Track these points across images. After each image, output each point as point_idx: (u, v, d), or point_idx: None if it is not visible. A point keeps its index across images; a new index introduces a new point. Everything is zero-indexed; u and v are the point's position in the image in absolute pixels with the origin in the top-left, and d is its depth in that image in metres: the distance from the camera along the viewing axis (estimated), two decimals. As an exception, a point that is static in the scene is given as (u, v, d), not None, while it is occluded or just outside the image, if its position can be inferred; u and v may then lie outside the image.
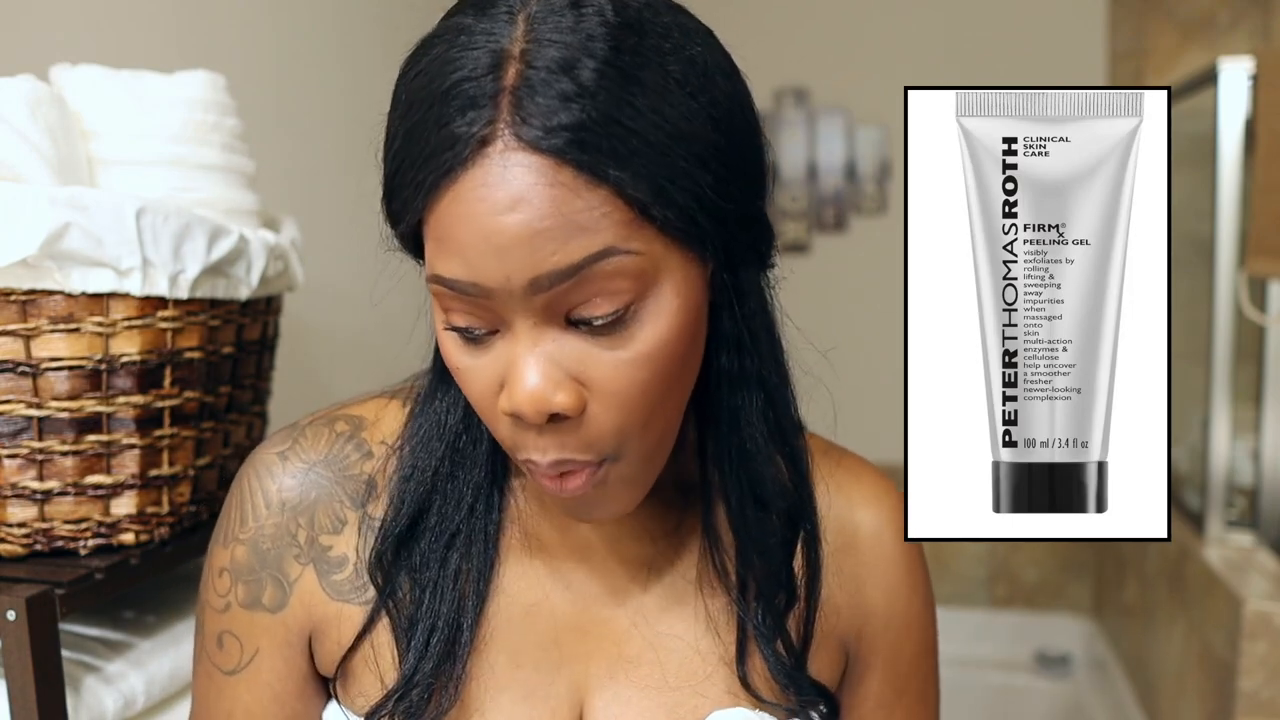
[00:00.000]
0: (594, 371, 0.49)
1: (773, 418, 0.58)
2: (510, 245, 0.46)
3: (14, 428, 0.78)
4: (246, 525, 0.62)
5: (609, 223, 0.46)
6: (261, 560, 0.61)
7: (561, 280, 0.46)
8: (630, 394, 0.49)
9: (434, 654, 0.57)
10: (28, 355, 0.77)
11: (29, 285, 0.76)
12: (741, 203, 0.51)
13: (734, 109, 0.51)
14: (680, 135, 0.47)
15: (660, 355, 0.49)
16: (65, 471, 0.80)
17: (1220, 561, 1.58)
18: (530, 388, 0.48)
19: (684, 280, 0.50)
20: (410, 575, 0.59)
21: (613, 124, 0.45)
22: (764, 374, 0.57)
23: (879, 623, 0.66)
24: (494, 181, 0.45)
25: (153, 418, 0.83)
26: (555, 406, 0.48)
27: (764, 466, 0.58)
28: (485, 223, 0.46)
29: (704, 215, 0.49)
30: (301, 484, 0.61)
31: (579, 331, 0.48)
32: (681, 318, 0.50)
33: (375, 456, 0.62)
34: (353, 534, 0.61)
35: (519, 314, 0.48)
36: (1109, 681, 2.26)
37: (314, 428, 0.63)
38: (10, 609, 0.72)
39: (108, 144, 0.88)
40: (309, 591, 0.61)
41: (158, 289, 0.80)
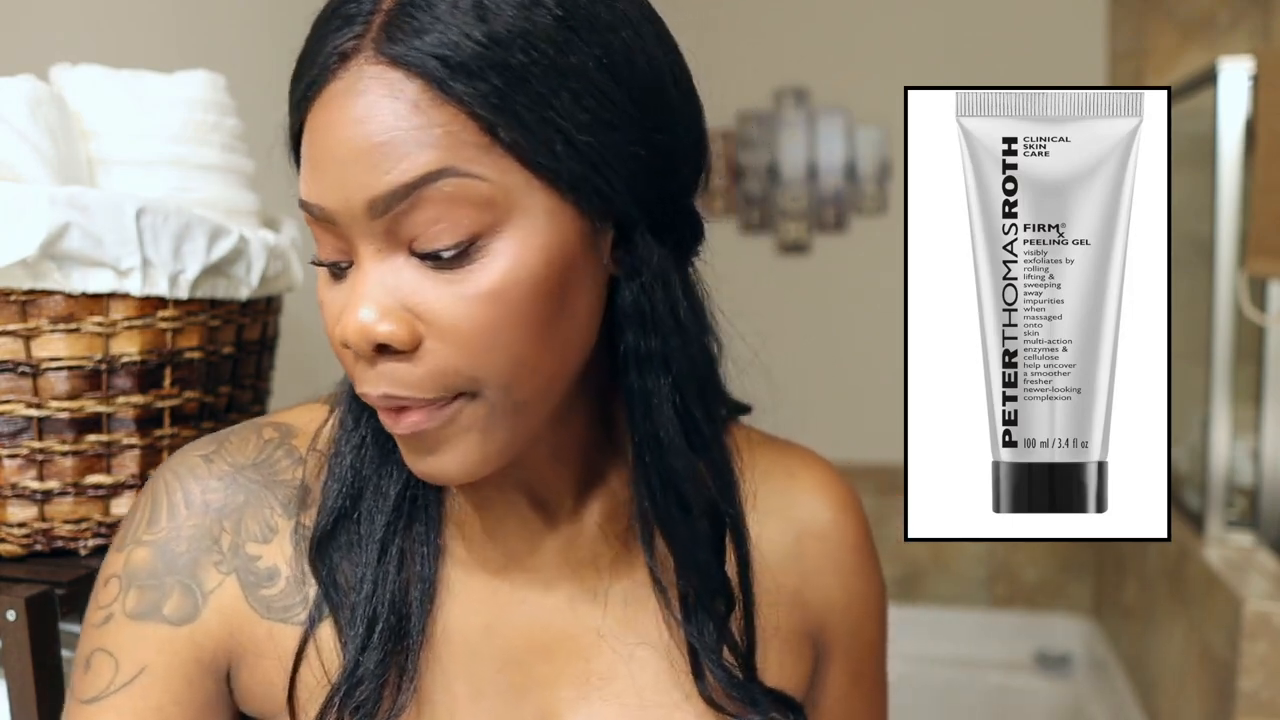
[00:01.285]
0: (432, 305, 0.46)
1: (681, 405, 0.54)
2: (349, 161, 0.45)
3: (14, 428, 0.78)
4: (157, 526, 0.55)
5: (453, 142, 0.44)
6: (169, 564, 0.54)
7: (397, 201, 0.45)
8: (470, 333, 0.46)
9: (378, 644, 0.52)
10: (28, 355, 0.77)
11: (29, 285, 0.76)
12: (647, 169, 0.49)
13: (644, 66, 0.49)
14: (554, 68, 0.45)
15: (509, 297, 0.46)
16: (65, 471, 0.80)
17: (1220, 561, 1.58)
18: (357, 314, 0.46)
19: (549, 224, 0.47)
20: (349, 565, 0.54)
21: (474, 44, 0.44)
22: (669, 356, 0.52)
23: (839, 612, 0.64)
24: (346, 94, 0.45)
25: (153, 418, 0.83)
26: (380, 336, 0.46)
27: (677, 459, 0.54)
28: (330, 137, 0.45)
29: (576, 157, 0.46)
30: (227, 487, 0.56)
31: (424, 264, 0.46)
32: (539, 261, 0.46)
33: (307, 464, 0.57)
34: (285, 543, 0.56)
35: (362, 240, 0.46)
36: (1109, 681, 2.26)
37: (240, 433, 0.58)
38: (10, 609, 0.72)
39: (108, 144, 0.88)
40: (231, 607, 0.54)
41: (158, 289, 0.80)
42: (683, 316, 0.53)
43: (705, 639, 0.56)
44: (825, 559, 0.63)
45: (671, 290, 0.53)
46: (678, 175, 0.53)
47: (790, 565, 0.62)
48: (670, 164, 0.51)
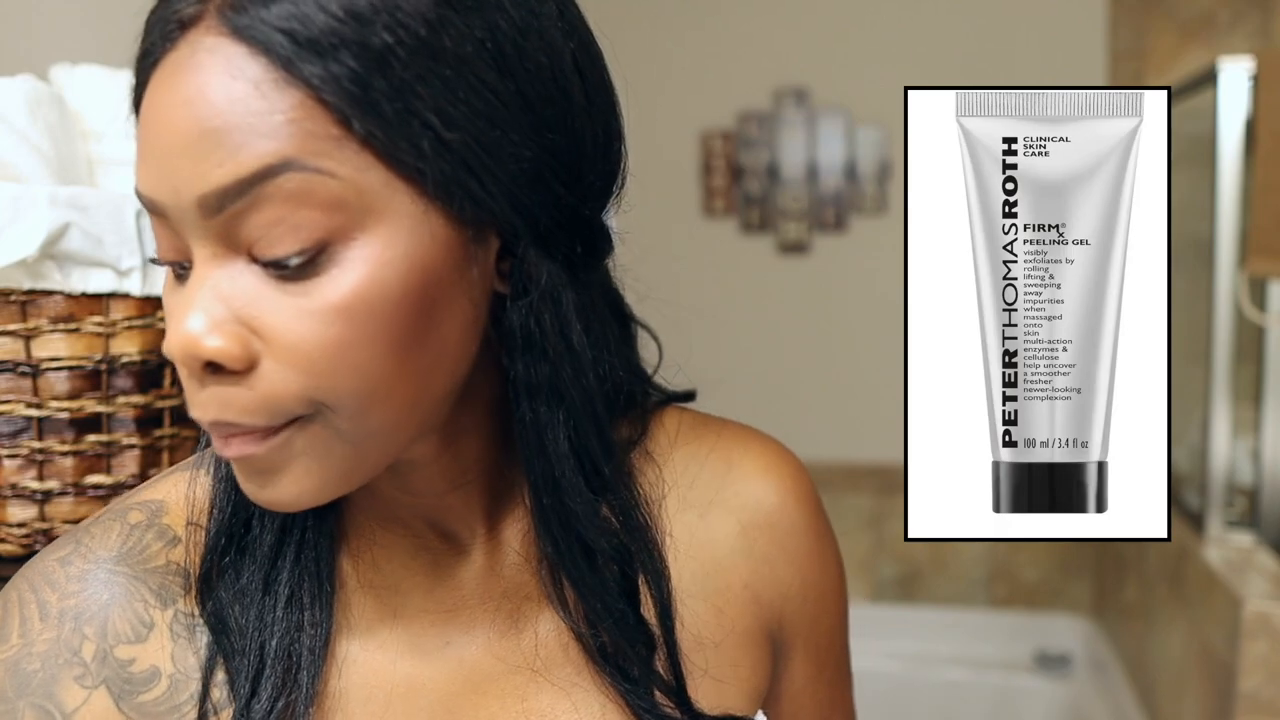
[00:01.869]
0: (271, 319, 0.40)
1: (577, 440, 0.48)
2: (178, 148, 0.39)
3: (14, 428, 0.78)
4: (7, 644, 0.47)
5: (297, 132, 0.38)
6: (20, 686, 0.47)
7: (232, 199, 0.38)
8: (313, 354, 0.40)
9: (264, 697, 0.46)
10: (28, 355, 0.77)
11: (29, 285, 0.76)
12: (533, 172, 0.43)
13: (537, 54, 0.43)
14: (425, 50, 0.39)
15: (361, 313, 0.40)
16: (65, 471, 0.80)
17: (1220, 561, 1.58)
18: (182, 326, 0.40)
19: (412, 232, 0.41)
20: (239, 607, 0.49)
21: (330, 18, 0.38)
22: (561, 387, 0.46)
23: (796, 602, 0.59)
24: (179, 69, 0.39)
25: (153, 418, 0.83)
26: (208, 353, 0.39)
27: (576, 501, 0.48)
28: (160, 119, 0.39)
29: (446, 155, 0.40)
30: (89, 588, 0.48)
31: (266, 272, 0.40)
32: (398, 273, 0.40)
33: (183, 540, 0.50)
34: (163, 639, 0.48)
35: (196, 241, 0.40)
36: (1109, 681, 2.26)
37: (100, 524, 0.51)
38: (10, 609, 0.72)
39: (108, 144, 0.88)
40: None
41: (158, 289, 0.80)
42: (575, 342, 0.47)
43: (632, 686, 0.52)
44: (775, 548, 0.57)
45: (563, 311, 0.46)
46: (578, 182, 0.46)
47: (739, 560, 0.57)
48: (567, 169, 0.45)
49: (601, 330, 0.50)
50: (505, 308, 0.46)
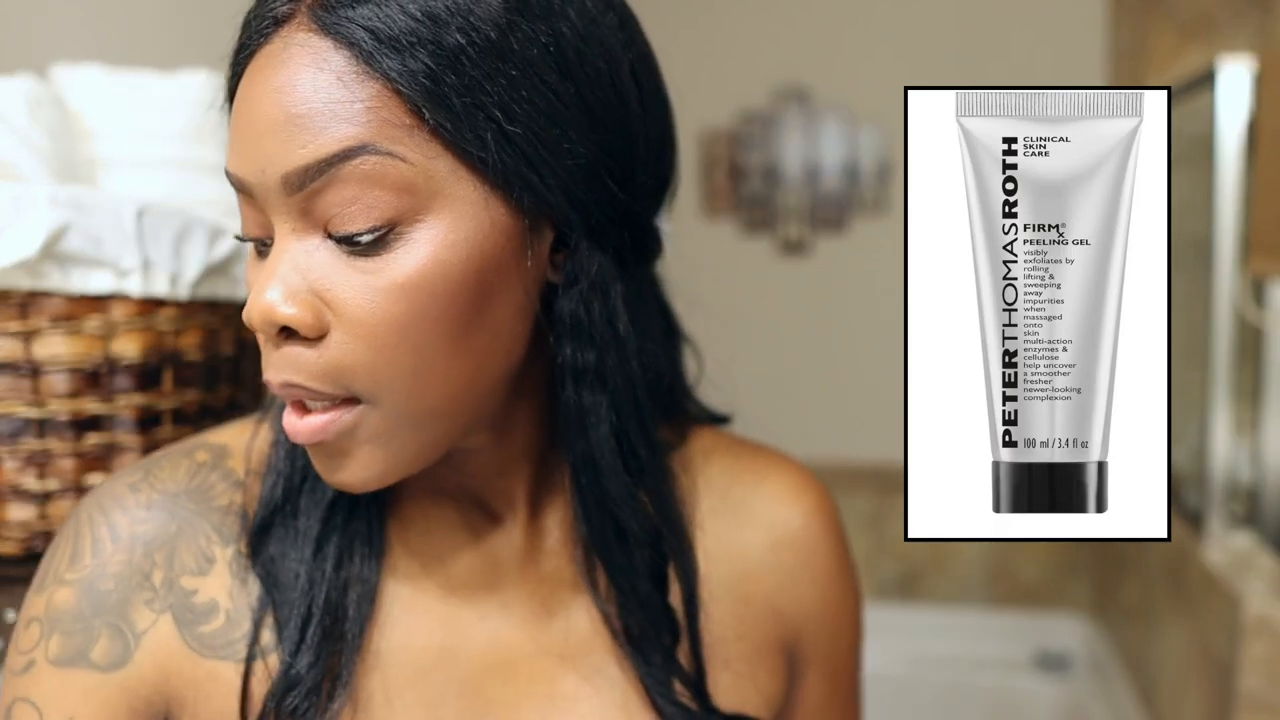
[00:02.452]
0: (342, 293, 0.43)
1: (618, 424, 0.50)
2: (267, 131, 0.43)
3: (14, 428, 0.78)
4: (80, 564, 0.51)
5: (374, 120, 0.42)
6: (96, 605, 0.50)
7: (312, 177, 0.42)
8: (378, 327, 0.43)
9: (311, 645, 0.49)
10: (28, 355, 0.77)
11: (29, 285, 0.76)
12: (589, 169, 0.46)
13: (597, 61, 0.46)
14: (493, 51, 0.43)
15: (422, 292, 0.43)
16: (65, 471, 0.80)
17: (1220, 561, 1.58)
18: (262, 295, 0.43)
19: (475, 218, 0.44)
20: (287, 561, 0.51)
21: (409, 18, 0.42)
22: (606, 372, 0.49)
23: (816, 622, 0.61)
24: (272, 62, 0.43)
25: (153, 418, 0.83)
26: (283, 319, 0.43)
27: (613, 483, 0.51)
28: (252, 105, 0.43)
29: (508, 148, 0.43)
30: (158, 517, 0.51)
31: (340, 249, 0.44)
32: (460, 255, 0.43)
33: (245, 487, 0.54)
34: (223, 576, 0.51)
35: (279, 217, 0.44)
36: (1109, 681, 2.26)
37: (169, 458, 0.54)
38: (10, 609, 0.72)
39: (108, 144, 0.88)
40: (165, 647, 0.50)
41: (158, 289, 0.80)
42: (622, 331, 0.50)
43: (653, 672, 0.53)
44: (800, 566, 0.60)
45: (611, 302, 0.49)
46: (631, 182, 0.49)
47: (765, 573, 0.59)
48: (621, 169, 0.48)
49: (647, 324, 0.53)
50: (556, 297, 0.48)
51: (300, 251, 0.44)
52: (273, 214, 0.44)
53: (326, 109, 0.42)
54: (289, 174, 0.43)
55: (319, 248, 0.44)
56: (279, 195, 0.43)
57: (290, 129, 0.42)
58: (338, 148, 0.42)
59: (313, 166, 0.42)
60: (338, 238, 0.43)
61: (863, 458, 2.52)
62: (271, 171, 0.43)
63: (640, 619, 0.53)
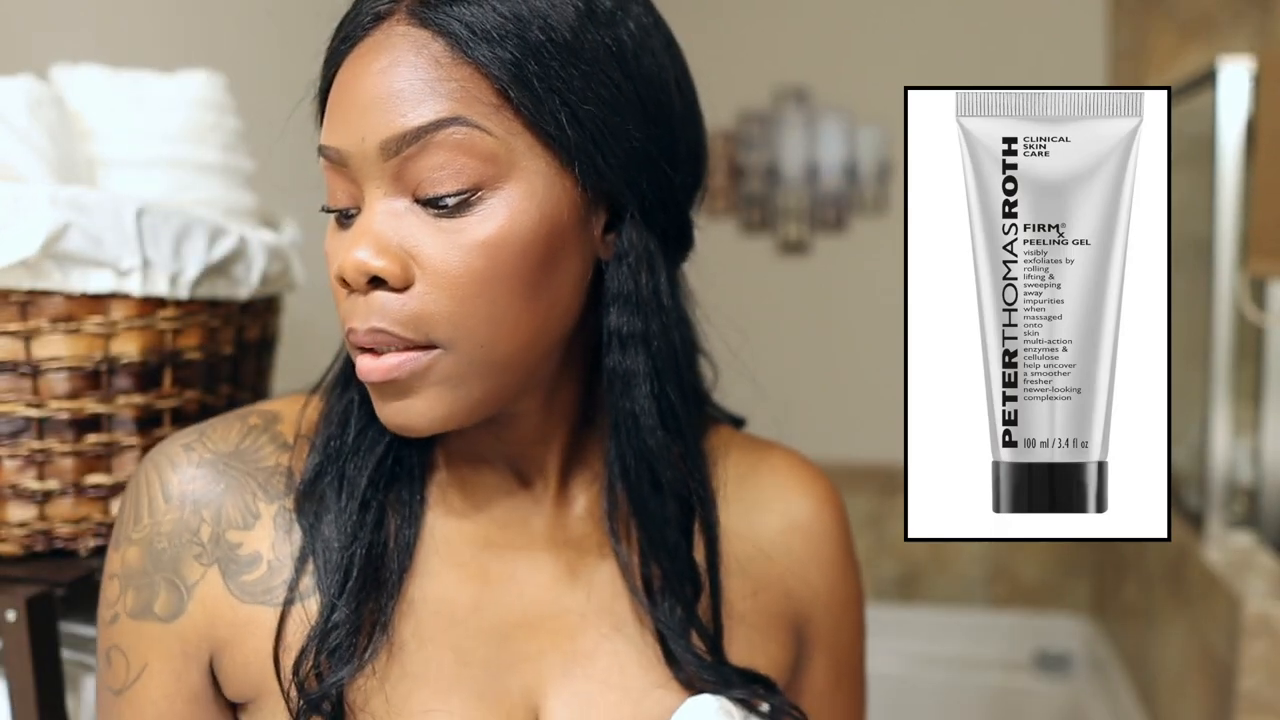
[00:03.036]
0: (427, 249, 0.49)
1: (658, 386, 0.56)
2: (370, 104, 0.48)
3: (14, 428, 0.78)
4: (140, 523, 0.57)
5: (466, 97, 0.48)
6: (155, 562, 0.56)
7: (409, 143, 0.48)
8: (460, 280, 0.49)
9: (352, 593, 0.54)
10: (28, 355, 0.77)
11: (29, 285, 0.76)
12: (643, 156, 0.53)
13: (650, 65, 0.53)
14: (568, 48, 0.50)
15: (500, 251, 0.49)
16: (65, 471, 0.80)
17: (1220, 561, 1.58)
18: (357, 248, 0.49)
19: (547, 188, 0.50)
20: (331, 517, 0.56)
21: (499, 16, 0.49)
22: (650, 338, 0.55)
23: (822, 606, 0.65)
24: (375, 49, 0.49)
25: (153, 418, 0.83)
26: (375, 269, 0.48)
27: (652, 437, 0.56)
28: (355, 84, 0.49)
29: (579, 129, 0.50)
30: (207, 475, 0.57)
31: (425, 211, 0.49)
32: (532, 221, 0.50)
33: (292, 449, 0.59)
34: (267, 529, 0.57)
35: (371, 181, 0.50)
36: (1109, 681, 2.26)
37: (223, 422, 0.60)
38: (10, 609, 0.72)
39: (108, 144, 0.88)
40: (212, 597, 0.56)
41: (158, 289, 0.80)
42: (665, 302, 0.56)
43: (673, 623, 0.57)
44: (809, 552, 0.65)
45: (657, 275, 0.55)
46: (675, 174, 0.55)
47: (778, 555, 0.63)
48: (667, 160, 0.54)
49: (684, 303, 0.59)
50: (606, 271, 0.55)
51: (390, 212, 0.49)
52: (366, 180, 0.50)
53: (425, 86, 0.48)
54: (388, 139, 0.48)
55: (407, 209, 0.49)
56: (375, 161, 0.49)
57: (392, 101, 0.48)
58: (434, 117, 0.48)
59: (410, 133, 0.48)
60: (425, 200, 0.49)
61: (863, 458, 2.52)
62: (371, 139, 0.48)
63: (666, 569, 0.58)
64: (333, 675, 0.53)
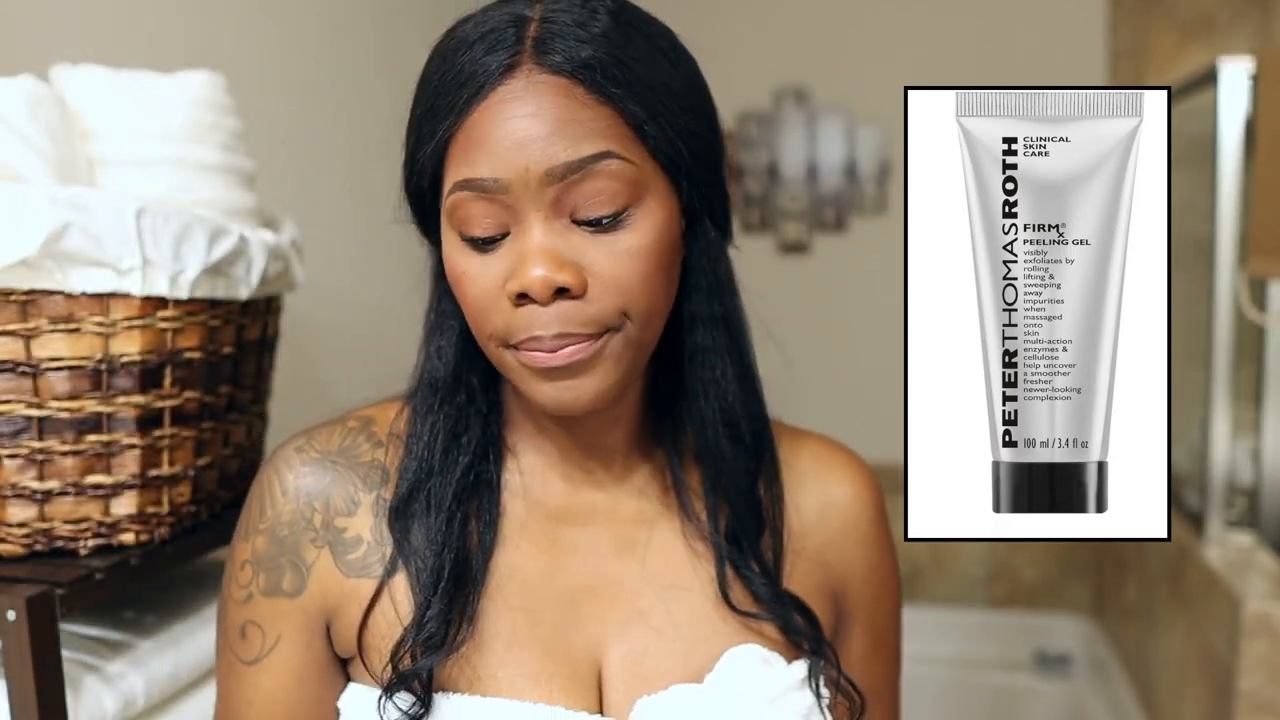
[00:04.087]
0: (593, 261, 0.57)
1: (738, 357, 0.67)
2: (530, 140, 0.56)
3: (14, 428, 0.78)
4: (265, 516, 0.67)
5: (611, 133, 0.57)
6: (280, 547, 0.66)
7: (571, 172, 0.56)
8: (626, 279, 0.58)
9: (442, 595, 0.63)
10: (28, 355, 0.77)
11: (29, 285, 0.76)
12: (707, 160, 0.62)
13: (700, 87, 0.63)
14: (664, 84, 0.59)
15: (647, 254, 0.58)
16: (65, 471, 0.80)
17: (1220, 561, 1.58)
18: (541, 266, 0.56)
19: (664, 205, 0.60)
20: (421, 528, 0.65)
21: (616, 62, 0.57)
22: (728, 318, 0.66)
23: (860, 580, 0.72)
24: (519, 94, 0.56)
25: (153, 418, 0.83)
26: (560, 282, 0.56)
27: (731, 395, 0.67)
28: (510, 124, 0.56)
29: (683, 148, 0.60)
30: (316, 471, 0.67)
31: (581, 229, 0.57)
32: (661, 230, 0.59)
33: (386, 446, 0.68)
34: (366, 515, 0.66)
35: (532, 207, 0.57)
36: (1109, 681, 2.26)
37: (326, 426, 0.70)
38: (10, 609, 0.72)
39: (108, 144, 0.88)
40: (325, 573, 0.66)
41: (158, 289, 0.80)
42: (736, 288, 0.68)
43: (733, 552, 0.66)
44: (848, 527, 0.72)
45: (726, 265, 0.67)
46: (722, 167, 0.65)
47: (817, 530, 0.71)
48: (719, 159, 0.64)
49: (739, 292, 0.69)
50: (687, 265, 0.64)
51: (554, 233, 0.57)
52: (526, 206, 0.57)
53: (579, 125, 0.56)
54: (554, 168, 0.56)
55: (567, 229, 0.57)
56: (537, 188, 0.56)
57: (554, 136, 0.56)
58: (593, 150, 0.56)
59: (575, 163, 0.56)
60: (583, 220, 0.57)
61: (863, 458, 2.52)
62: (535, 169, 0.56)
63: (737, 507, 0.67)
64: (425, 660, 0.62)
